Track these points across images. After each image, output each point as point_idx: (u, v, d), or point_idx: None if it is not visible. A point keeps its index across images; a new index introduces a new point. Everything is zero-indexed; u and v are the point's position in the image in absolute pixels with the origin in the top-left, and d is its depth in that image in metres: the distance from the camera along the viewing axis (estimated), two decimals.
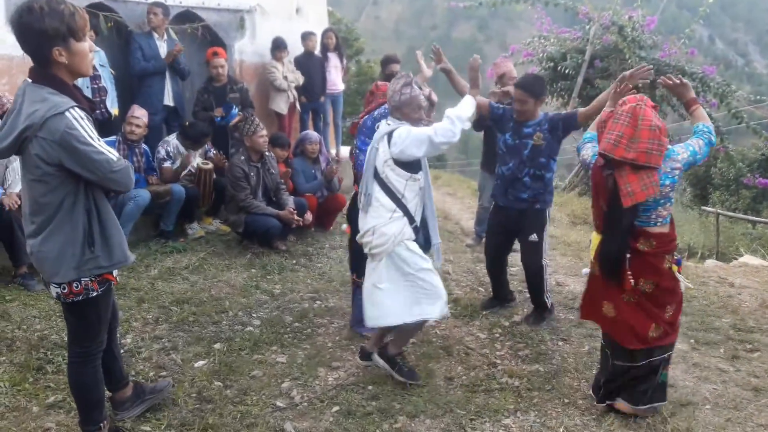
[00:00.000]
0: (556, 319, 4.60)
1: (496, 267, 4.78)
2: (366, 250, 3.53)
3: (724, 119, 11.51)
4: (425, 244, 3.70)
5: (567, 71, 11.37)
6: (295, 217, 5.77)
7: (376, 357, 3.64)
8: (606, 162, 3.01)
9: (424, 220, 3.59)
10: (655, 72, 12.17)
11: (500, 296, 4.85)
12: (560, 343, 4.23)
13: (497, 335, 4.34)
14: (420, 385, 3.56)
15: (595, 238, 3.22)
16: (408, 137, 3.30)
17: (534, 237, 4.46)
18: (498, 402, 3.45)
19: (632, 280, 3.03)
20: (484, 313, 4.70)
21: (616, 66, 11.05)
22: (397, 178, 3.36)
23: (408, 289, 3.41)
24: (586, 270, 3.44)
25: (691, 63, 11.19)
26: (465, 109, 3.40)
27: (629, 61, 10.73)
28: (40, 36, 2.30)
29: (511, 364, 3.91)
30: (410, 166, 3.38)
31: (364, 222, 3.48)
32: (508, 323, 4.53)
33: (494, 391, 3.57)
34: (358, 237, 3.56)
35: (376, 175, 3.41)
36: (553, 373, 3.77)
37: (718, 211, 10.75)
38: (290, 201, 5.95)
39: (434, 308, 3.41)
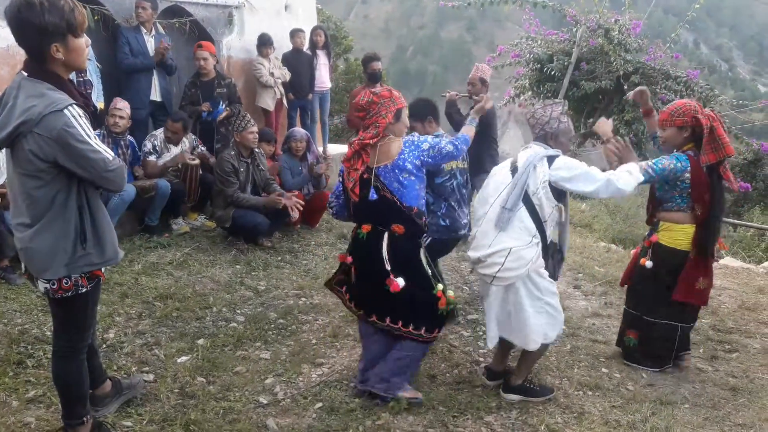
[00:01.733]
0: None
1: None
2: (485, 271, 3.35)
3: None
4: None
5: (553, 73, 11.46)
6: (284, 199, 5.69)
7: (509, 396, 3.50)
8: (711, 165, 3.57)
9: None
10: (640, 76, 12.30)
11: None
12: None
13: (480, 333, 4.37)
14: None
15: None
16: (579, 170, 3.25)
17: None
18: (480, 399, 3.47)
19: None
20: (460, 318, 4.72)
21: (602, 68, 11.15)
22: (547, 202, 3.27)
23: (538, 314, 3.32)
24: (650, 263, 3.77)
25: (676, 67, 11.32)
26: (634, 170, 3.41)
27: (614, 64, 10.84)
28: (39, 32, 2.26)
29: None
30: (559, 194, 3.32)
31: (497, 240, 3.29)
32: None
33: (477, 389, 3.60)
34: (479, 254, 3.36)
35: (526, 196, 3.26)
36: (535, 371, 3.80)
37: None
38: (279, 190, 5.94)
39: (555, 332, 3.38)
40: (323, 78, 8.07)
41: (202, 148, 6.29)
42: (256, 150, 5.93)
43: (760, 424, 3.35)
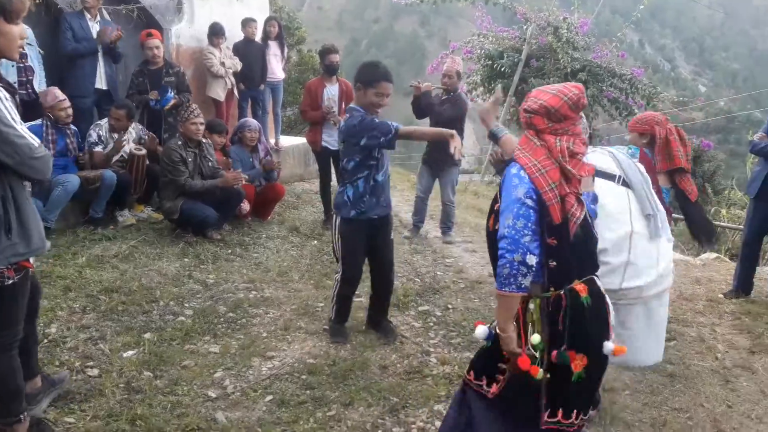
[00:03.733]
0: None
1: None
2: (659, 288, 3.03)
3: None
4: None
5: (504, 69, 11.65)
6: (239, 176, 5.79)
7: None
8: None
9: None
10: (587, 73, 12.62)
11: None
12: None
13: (431, 324, 4.43)
14: (355, 374, 3.59)
15: None
16: None
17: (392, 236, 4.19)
18: (431, 389, 3.52)
19: None
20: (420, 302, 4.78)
21: (550, 66, 11.39)
22: None
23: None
24: None
25: (621, 65, 11.67)
26: None
27: (563, 61, 11.09)
28: None
29: (443, 352, 4.00)
30: None
31: (661, 251, 3.03)
32: (441, 313, 4.63)
33: (427, 378, 3.65)
34: (648, 278, 2.94)
35: None
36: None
37: None
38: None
39: None
40: (275, 69, 7.97)
41: (147, 135, 6.13)
42: (203, 140, 5.83)
43: (694, 408, 3.52)
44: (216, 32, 7.16)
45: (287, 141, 8.82)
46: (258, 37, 7.75)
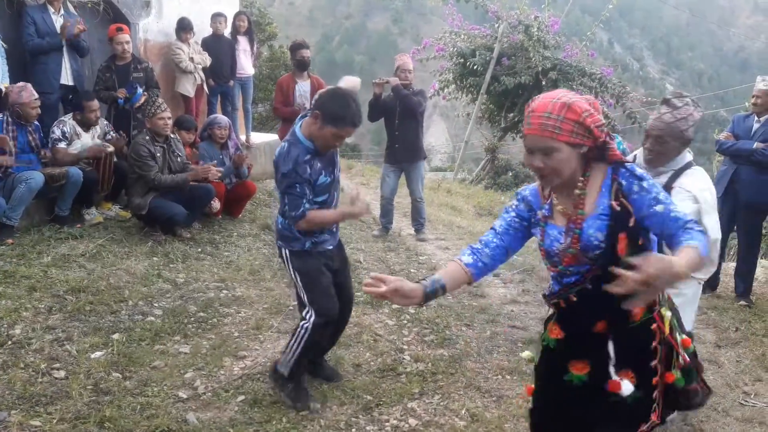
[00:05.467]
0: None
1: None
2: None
3: (620, 119, 12.28)
4: None
5: (476, 67, 11.71)
6: (212, 168, 5.70)
7: None
8: None
9: None
10: (557, 72, 12.77)
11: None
12: (464, 329, 4.37)
13: (405, 322, 4.43)
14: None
15: None
16: None
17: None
18: (404, 386, 3.52)
19: None
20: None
21: (522, 64, 11.50)
22: None
23: None
24: None
25: (591, 64, 11.84)
26: None
27: (534, 60, 11.20)
28: None
29: (417, 349, 4.01)
30: None
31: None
32: (414, 310, 4.63)
33: (401, 376, 3.65)
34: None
35: None
36: (456, 357, 3.90)
37: None
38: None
39: None
40: (244, 65, 7.88)
41: (113, 134, 6.01)
42: (171, 136, 5.74)
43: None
44: (184, 27, 7.04)
45: (258, 138, 8.73)
46: (227, 32, 7.66)
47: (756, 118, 5.10)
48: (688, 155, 2.99)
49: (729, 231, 5.49)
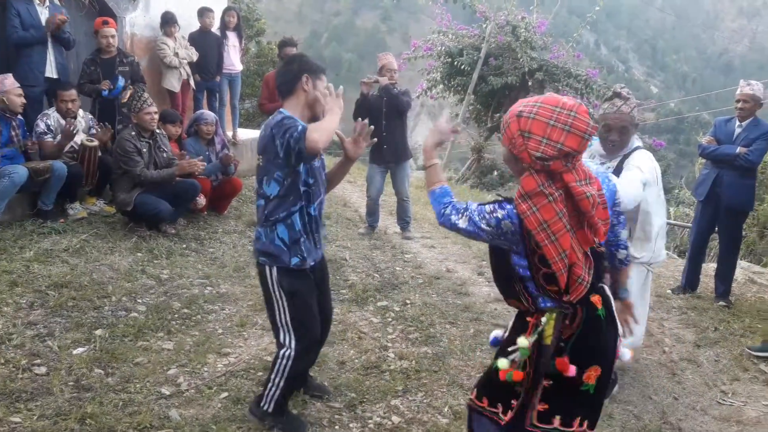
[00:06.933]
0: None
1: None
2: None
3: None
4: None
5: (463, 67, 11.75)
6: (197, 162, 5.69)
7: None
8: None
9: None
10: (544, 73, 12.81)
11: None
12: (448, 326, 4.40)
13: (390, 319, 4.44)
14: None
15: None
16: None
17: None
18: (388, 384, 3.54)
19: None
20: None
21: (509, 65, 11.55)
22: None
23: None
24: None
25: (577, 66, 11.92)
26: None
27: (521, 60, 11.25)
28: None
29: (401, 347, 4.03)
30: None
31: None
32: (399, 308, 4.65)
33: (385, 373, 3.66)
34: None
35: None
36: (440, 354, 3.92)
37: None
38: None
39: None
40: (233, 60, 7.85)
41: (97, 127, 5.96)
42: (157, 131, 5.70)
43: (642, 401, 3.64)
44: (168, 21, 7.00)
45: (245, 134, 8.69)
46: (215, 28, 7.62)
47: (738, 122, 5.16)
48: (636, 140, 3.39)
49: (710, 233, 5.57)
